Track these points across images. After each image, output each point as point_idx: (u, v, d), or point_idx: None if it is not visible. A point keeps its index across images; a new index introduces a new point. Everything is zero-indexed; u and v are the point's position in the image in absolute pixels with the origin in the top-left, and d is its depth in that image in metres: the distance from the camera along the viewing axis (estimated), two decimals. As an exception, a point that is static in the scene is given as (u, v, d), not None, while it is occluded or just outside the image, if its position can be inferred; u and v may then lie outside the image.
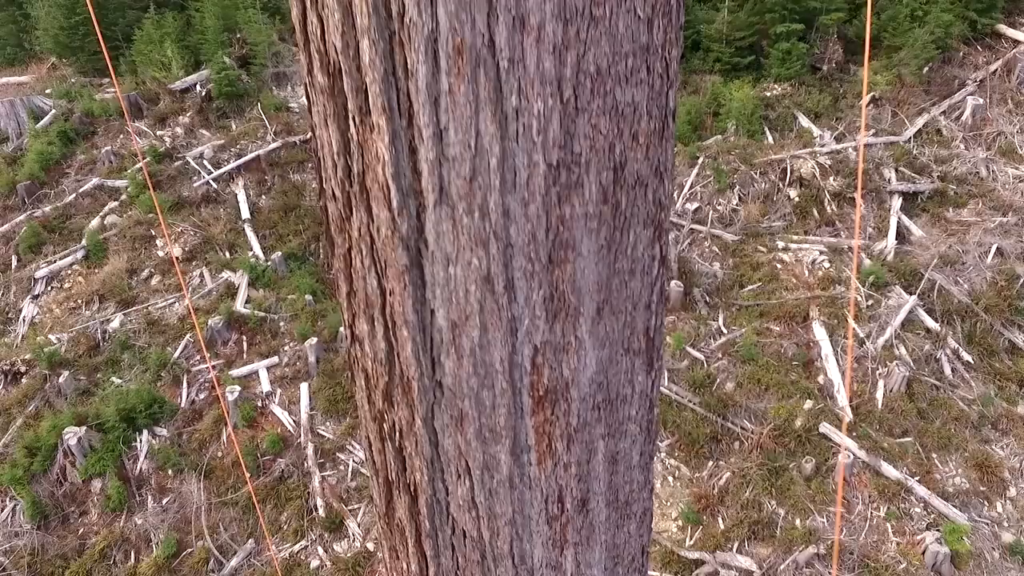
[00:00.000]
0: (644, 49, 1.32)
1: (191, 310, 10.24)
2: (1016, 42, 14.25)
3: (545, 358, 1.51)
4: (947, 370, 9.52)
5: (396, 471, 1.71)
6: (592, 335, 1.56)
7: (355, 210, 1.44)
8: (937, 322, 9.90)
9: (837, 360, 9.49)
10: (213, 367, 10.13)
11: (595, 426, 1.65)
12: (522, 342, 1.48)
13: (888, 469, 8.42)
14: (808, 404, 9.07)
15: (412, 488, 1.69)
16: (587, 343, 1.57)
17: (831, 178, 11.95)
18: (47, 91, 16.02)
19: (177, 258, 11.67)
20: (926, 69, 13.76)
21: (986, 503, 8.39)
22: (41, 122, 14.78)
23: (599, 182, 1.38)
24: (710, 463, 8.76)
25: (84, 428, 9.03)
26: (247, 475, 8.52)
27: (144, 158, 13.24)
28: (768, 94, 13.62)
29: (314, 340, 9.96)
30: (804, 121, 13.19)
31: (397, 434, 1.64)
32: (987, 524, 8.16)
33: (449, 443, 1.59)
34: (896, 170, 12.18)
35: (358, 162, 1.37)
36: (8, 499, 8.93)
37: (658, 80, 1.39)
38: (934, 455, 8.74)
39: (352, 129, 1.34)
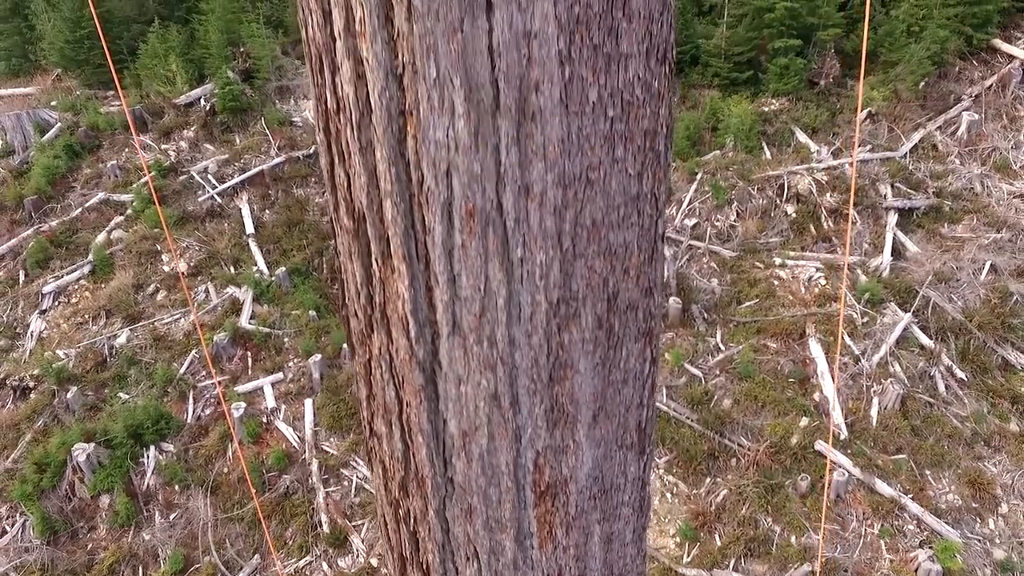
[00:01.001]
0: (635, 198, 1.49)
1: (197, 326, 10.40)
2: (1011, 57, 14.40)
3: (546, 459, 1.69)
4: (941, 387, 9.67)
5: (410, 551, 1.89)
6: (589, 438, 1.73)
7: (376, 331, 1.62)
8: (931, 339, 10.05)
9: (833, 377, 9.64)
10: (219, 383, 10.29)
11: (591, 513, 1.82)
12: (525, 447, 1.65)
13: (882, 486, 8.58)
14: (804, 421, 9.23)
15: (424, 567, 1.87)
16: (584, 445, 1.74)
17: (828, 194, 12.11)
18: (52, 103, 16.18)
19: (183, 273, 11.84)
20: (922, 84, 13.92)
21: (978, 520, 8.55)
22: (47, 135, 14.94)
23: (594, 312, 1.55)
24: (707, 480, 8.91)
25: (92, 445, 9.19)
26: (253, 491, 8.69)
27: (149, 173, 13.40)
28: (766, 109, 13.77)
29: (318, 357, 10.12)
30: (801, 136, 13.35)
31: (412, 520, 1.82)
32: (979, 541, 8.32)
33: (459, 531, 1.77)
34: (892, 186, 12.34)
35: (379, 294, 1.55)
36: (18, 514, 9.09)
37: (648, 219, 1.56)
38: (927, 472, 8.90)
39: (375, 267, 1.51)
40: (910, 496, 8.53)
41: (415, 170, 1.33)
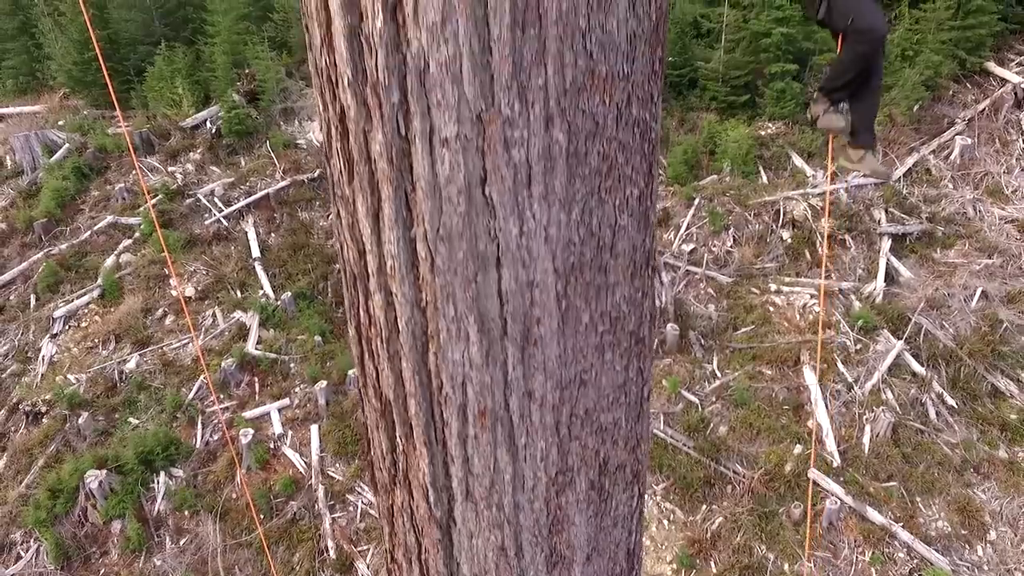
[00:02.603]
0: (622, 385, 1.74)
1: (201, 355, 10.64)
2: (1004, 80, 14.63)
3: (547, 594, 1.93)
4: (932, 414, 9.90)
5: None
6: (583, 574, 1.98)
7: (399, 488, 1.87)
8: (923, 366, 10.29)
9: (826, 405, 9.88)
10: (226, 408, 10.53)
11: (586, 635, 2.06)
12: (529, 586, 1.89)
13: (873, 514, 8.81)
14: (798, 449, 9.46)
15: None
16: (580, 580, 1.97)
17: (822, 220, 12.34)
18: (60, 123, 16.41)
19: (189, 298, 12.08)
20: (916, 107, 14.15)
21: (967, 546, 8.78)
22: (55, 156, 15.17)
23: (587, 478, 1.81)
24: (703, 507, 9.15)
25: (104, 472, 9.42)
26: (258, 520, 8.92)
27: (155, 197, 13.64)
28: (763, 133, 14.00)
29: (324, 384, 10.35)
30: (797, 160, 13.58)
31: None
32: (968, 568, 8.55)
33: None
34: (886, 211, 12.57)
35: (403, 462, 1.80)
36: (33, 540, 9.33)
37: (634, 396, 1.81)
38: (918, 499, 9.13)
39: (399, 441, 1.76)
40: (900, 524, 8.76)
41: (435, 378, 1.57)
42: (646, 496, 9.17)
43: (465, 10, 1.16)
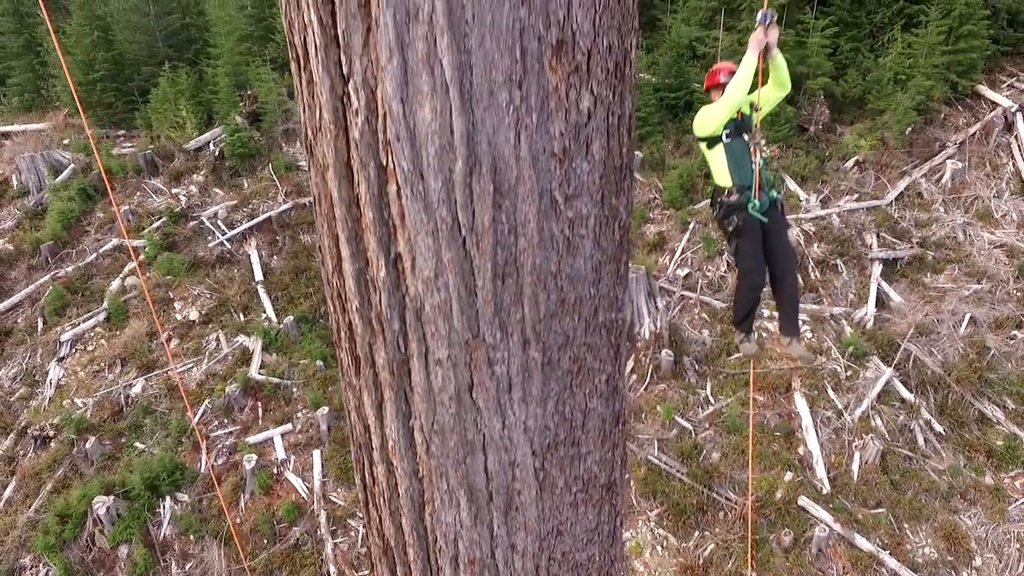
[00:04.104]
0: (595, 528, 1.97)
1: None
2: (994, 104, 14.85)
3: None
4: (920, 440, 10.13)
5: None
6: None
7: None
8: (912, 393, 10.51)
9: (816, 432, 10.11)
10: (230, 433, 10.77)
11: None
12: None
13: (861, 541, 9.04)
14: (788, 476, 9.69)
15: None
16: None
17: (815, 244, 12.58)
18: (64, 142, 16.66)
19: (193, 322, 12.31)
20: (908, 130, 14.37)
21: (953, 573, 9.00)
22: (60, 176, 15.41)
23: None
24: (696, 533, 9.38)
25: (112, 497, 9.66)
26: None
27: (159, 219, 13.89)
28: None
29: (325, 410, 10.58)
30: (791, 184, 13.81)
31: None
32: (953, 595, 8.78)
33: None
34: (878, 235, 12.80)
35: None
36: (42, 564, 9.56)
37: (607, 534, 2.04)
38: (905, 525, 9.35)
39: (399, 570, 1.99)
40: (888, 551, 8.99)
41: (430, 533, 1.81)
42: (641, 522, 9.31)
43: (454, 267, 1.39)
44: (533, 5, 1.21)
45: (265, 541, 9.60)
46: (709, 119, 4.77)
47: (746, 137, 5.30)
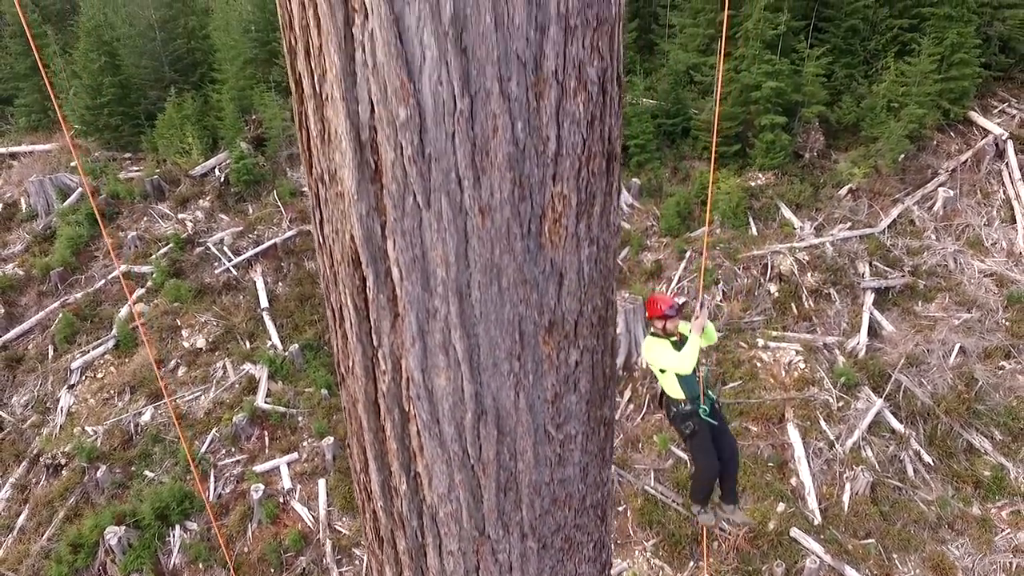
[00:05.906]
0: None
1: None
2: (986, 131, 15.13)
3: None
4: (910, 471, 10.41)
5: None
6: None
7: None
8: (902, 423, 10.79)
9: (808, 463, 10.38)
10: (238, 462, 11.05)
11: None
12: None
13: (851, 573, 9.32)
14: (781, 507, 9.97)
15: None
16: None
17: (808, 274, 12.85)
18: (72, 164, 16.93)
19: (200, 349, 12.59)
20: (901, 157, 14.64)
21: (940, 603, 9.28)
22: (68, 200, 15.69)
23: None
24: (691, 564, 9.66)
25: (123, 528, 9.94)
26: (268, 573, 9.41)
27: (166, 245, 14.17)
28: (753, 184, 14.50)
29: (331, 440, 10.86)
30: (786, 212, 14.09)
31: None
32: (939, 625, 9.05)
33: None
34: (870, 264, 13.08)
35: None
36: (55, 593, 9.84)
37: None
38: (894, 556, 9.63)
39: None
40: (877, 582, 9.28)
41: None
42: (637, 551, 9.55)
43: (464, 485, 1.67)
44: (530, 301, 1.49)
45: (272, 571, 9.87)
46: (671, 366, 5.55)
47: None
